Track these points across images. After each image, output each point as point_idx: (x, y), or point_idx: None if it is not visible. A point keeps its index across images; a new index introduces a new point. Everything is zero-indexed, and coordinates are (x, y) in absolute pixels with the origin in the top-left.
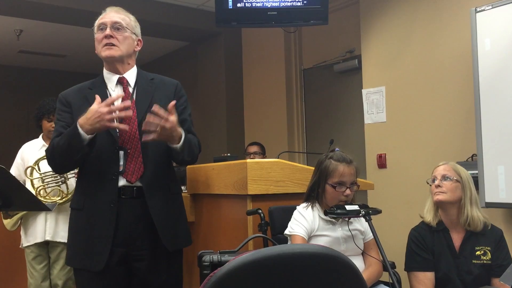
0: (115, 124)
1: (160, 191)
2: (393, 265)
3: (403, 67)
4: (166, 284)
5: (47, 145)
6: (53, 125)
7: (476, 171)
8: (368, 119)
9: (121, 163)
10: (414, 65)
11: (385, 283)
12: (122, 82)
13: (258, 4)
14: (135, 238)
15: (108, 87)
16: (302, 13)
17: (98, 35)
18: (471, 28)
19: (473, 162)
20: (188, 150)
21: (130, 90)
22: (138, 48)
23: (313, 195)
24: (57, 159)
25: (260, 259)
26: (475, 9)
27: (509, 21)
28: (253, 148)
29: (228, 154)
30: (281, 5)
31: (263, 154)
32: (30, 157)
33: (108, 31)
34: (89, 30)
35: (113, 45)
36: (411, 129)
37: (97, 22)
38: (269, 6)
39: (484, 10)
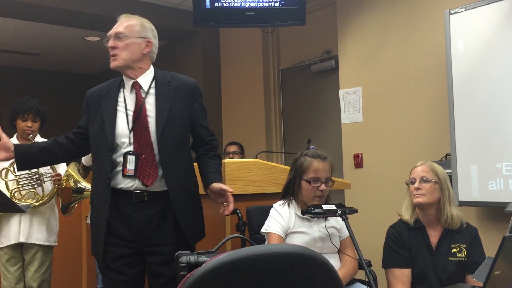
0: None
1: (182, 193)
2: (369, 264)
3: (379, 68)
4: (172, 280)
5: None
6: (28, 125)
7: (450, 170)
8: (345, 119)
9: (131, 167)
10: (390, 66)
11: (361, 281)
12: (135, 86)
13: (236, 4)
14: (146, 236)
15: (124, 91)
16: (280, 14)
17: (107, 46)
18: (445, 30)
19: (447, 161)
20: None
21: (143, 94)
22: (148, 50)
23: (289, 193)
24: None
25: (237, 260)
26: (449, 11)
27: (481, 23)
28: (232, 148)
29: None
30: (258, 5)
31: (242, 154)
32: None
33: (110, 43)
34: (64, 28)
35: (115, 55)
36: (387, 129)
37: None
38: (246, 6)
39: (457, 12)
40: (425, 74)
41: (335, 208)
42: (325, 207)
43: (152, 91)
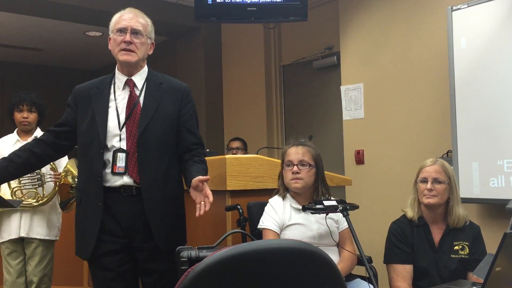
0: None
1: (157, 192)
2: (369, 260)
3: (381, 64)
4: (165, 275)
5: (21, 140)
6: (24, 116)
7: (452, 167)
8: (346, 115)
9: (122, 164)
10: (392, 62)
11: (362, 277)
12: (129, 84)
13: (238, 0)
14: (135, 231)
15: (115, 88)
16: (282, 9)
17: (116, 37)
18: (447, 27)
19: (448, 158)
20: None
21: (137, 92)
22: (151, 52)
23: (282, 186)
24: None
25: (238, 255)
26: (451, 8)
27: (484, 20)
28: (236, 144)
29: (207, 150)
30: (260, 1)
31: (245, 149)
32: (5, 153)
33: (128, 37)
34: (65, 23)
35: (131, 51)
36: (388, 125)
37: (116, 24)
38: (248, 1)
39: (460, 8)
40: (427, 71)
41: (336, 204)
42: (326, 203)
43: (143, 90)
